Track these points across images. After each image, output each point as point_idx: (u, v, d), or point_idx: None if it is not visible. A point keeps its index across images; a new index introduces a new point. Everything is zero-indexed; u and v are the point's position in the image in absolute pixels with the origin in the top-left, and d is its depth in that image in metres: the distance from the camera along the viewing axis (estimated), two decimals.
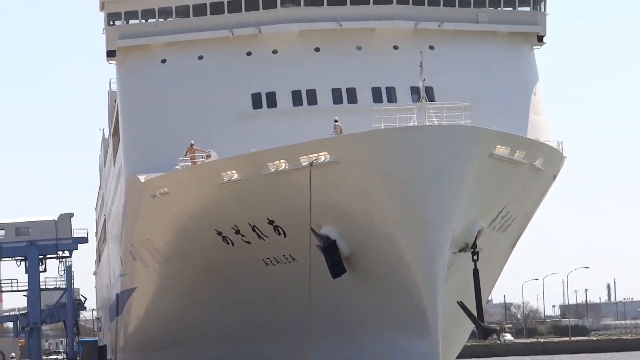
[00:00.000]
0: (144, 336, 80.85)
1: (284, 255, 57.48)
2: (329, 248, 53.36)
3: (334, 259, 53.30)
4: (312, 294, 54.52)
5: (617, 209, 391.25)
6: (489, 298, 75.97)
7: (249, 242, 58.70)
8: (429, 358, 52.19)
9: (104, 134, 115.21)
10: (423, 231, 50.69)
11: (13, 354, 76.20)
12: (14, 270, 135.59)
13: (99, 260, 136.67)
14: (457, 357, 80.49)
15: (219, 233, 60.01)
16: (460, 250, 52.36)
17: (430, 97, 56.64)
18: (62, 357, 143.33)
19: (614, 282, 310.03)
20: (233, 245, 59.83)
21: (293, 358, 59.74)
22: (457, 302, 52.50)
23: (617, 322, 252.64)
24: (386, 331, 53.73)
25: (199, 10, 71.02)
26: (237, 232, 58.88)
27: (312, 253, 53.98)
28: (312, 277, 54.15)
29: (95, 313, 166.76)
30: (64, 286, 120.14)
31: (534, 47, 74.70)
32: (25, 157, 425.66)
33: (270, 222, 56.74)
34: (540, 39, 74.50)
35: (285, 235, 56.53)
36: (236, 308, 63.16)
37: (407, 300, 51.96)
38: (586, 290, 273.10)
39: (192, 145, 63.79)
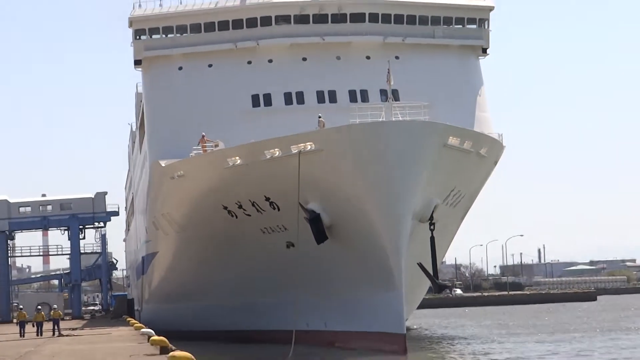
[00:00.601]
0: (164, 291, 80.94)
1: (277, 226, 57.55)
2: (314, 220, 53.46)
3: (318, 228, 53.43)
4: (301, 257, 54.68)
5: (546, 188, 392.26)
6: (443, 260, 76.16)
7: (249, 215, 58.79)
8: (394, 308, 52.25)
9: (131, 128, 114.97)
10: (390, 206, 50.75)
11: (55, 305, 76.11)
12: (58, 238, 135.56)
13: (128, 229, 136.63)
14: (418, 308, 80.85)
15: (225, 207, 60.09)
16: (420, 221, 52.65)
17: (396, 97, 56.87)
18: (98, 308, 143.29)
19: (544, 247, 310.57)
20: (236, 217, 59.92)
21: (284, 309, 59.82)
22: (417, 263, 52.58)
23: (546, 279, 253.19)
24: (360, 286, 53.77)
25: (209, 27, 71.09)
26: (240, 206, 58.98)
27: (301, 224, 54.06)
28: (300, 243, 54.31)
29: (124, 272, 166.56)
30: (99, 251, 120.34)
31: (479, 57, 74.90)
32: (69, 147, 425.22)
33: (267, 199, 56.81)
34: (484, 50, 74.72)
35: (279, 209, 56.60)
36: (238, 268, 63.25)
37: (377, 262, 52.05)
38: (521, 253, 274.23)
39: (203, 136, 63.86)
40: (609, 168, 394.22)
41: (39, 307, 72.95)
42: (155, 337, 42.36)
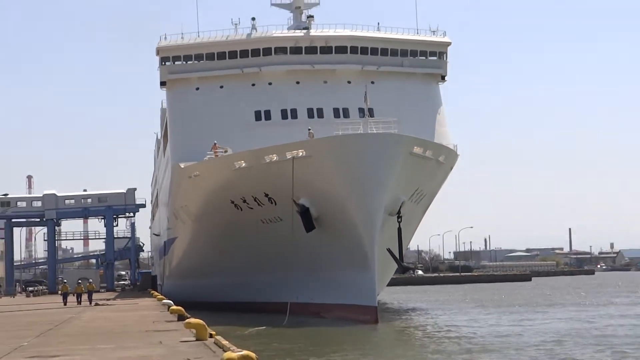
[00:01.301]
0: (182, 269, 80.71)
1: (274, 217, 57.37)
2: (304, 212, 53.38)
3: (307, 219, 53.35)
4: (293, 243, 54.55)
5: (491, 189, 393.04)
6: (408, 247, 75.96)
7: (251, 208, 58.60)
8: (368, 285, 52.11)
9: (157, 136, 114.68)
10: (365, 202, 50.68)
11: (91, 280, 76.00)
12: (96, 225, 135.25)
13: (153, 218, 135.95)
14: (387, 285, 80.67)
15: (232, 202, 59.90)
16: (389, 215, 52.53)
17: (372, 114, 56.71)
18: (127, 282, 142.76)
19: (489, 237, 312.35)
20: (241, 210, 59.73)
21: (279, 285, 59.67)
22: (387, 249, 52.51)
23: (491, 263, 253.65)
24: (341, 267, 53.60)
25: (221, 55, 71.01)
26: (244, 201, 58.79)
27: (294, 215, 53.96)
28: (293, 232, 54.15)
29: (149, 254, 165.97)
30: (129, 236, 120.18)
31: (439, 83, 74.91)
32: (106, 151, 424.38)
33: (266, 195, 56.66)
34: (443, 77, 74.76)
35: (276, 204, 56.45)
36: (242, 251, 63.02)
37: (355, 247, 51.91)
38: (471, 242, 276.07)
39: (215, 144, 63.64)
40: (543, 173, 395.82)
41: (79, 281, 72.74)
42: (174, 307, 42.17)
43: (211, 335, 28.06)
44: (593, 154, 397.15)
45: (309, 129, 58.35)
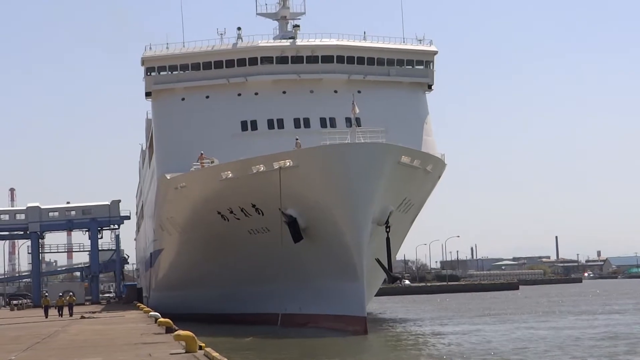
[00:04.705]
0: (168, 281, 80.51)
1: (262, 228, 57.30)
2: (292, 223, 53.31)
3: (295, 230, 53.29)
4: (281, 253, 54.51)
5: (478, 198, 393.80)
6: (395, 256, 75.96)
7: (239, 219, 58.50)
8: (357, 295, 52.01)
9: (142, 147, 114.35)
10: (353, 212, 50.68)
11: (71, 293, 75.87)
12: (80, 237, 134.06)
13: (138, 230, 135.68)
14: (375, 295, 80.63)
15: (219, 212, 59.79)
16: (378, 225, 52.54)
17: (359, 124, 56.60)
18: (112, 295, 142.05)
19: (476, 246, 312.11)
20: (228, 221, 59.64)
21: (267, 296, 59.55)
22: (375, 259, 52.54)
23: (478, 272, 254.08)
24: (329, 278, 53.58)
25: (207, 65, 70.88)
26: (231, 212, 58.72)
27: (281, 226, 53.91)
28: (281, 242, 54.09)
29: (134, 266, 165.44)
30: (114, 248, 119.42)
31: (426, 92, 75.01)
32: (90, 162, 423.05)
33: (253, 206, 56.59)
34: (429, 86, 74.86)
35: (263, 214, 56.39)
36: (229, 263, 62.89)
37: (343, 257, 51.89)
38: (457, 251, 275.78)
39: (202, 154, 63.58)
40: (529, 181, 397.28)
41: (61, 294, 72.63)
42: (162, 319, 42.06)
43: (201, 347, 28.04)
44: (580, 162, 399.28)
45: (297, 139, 58.32)
